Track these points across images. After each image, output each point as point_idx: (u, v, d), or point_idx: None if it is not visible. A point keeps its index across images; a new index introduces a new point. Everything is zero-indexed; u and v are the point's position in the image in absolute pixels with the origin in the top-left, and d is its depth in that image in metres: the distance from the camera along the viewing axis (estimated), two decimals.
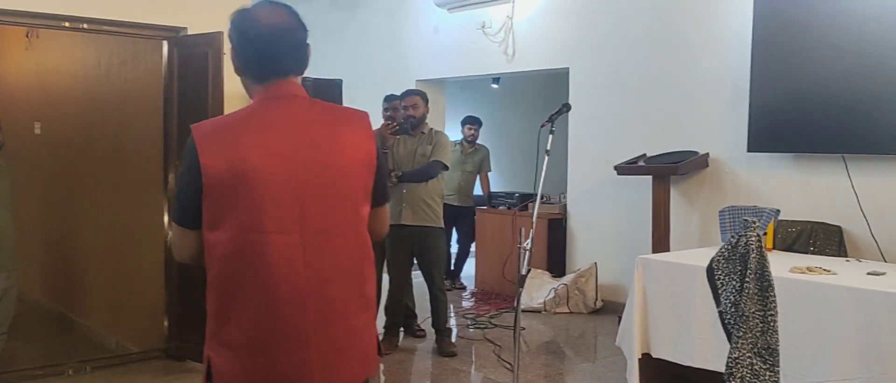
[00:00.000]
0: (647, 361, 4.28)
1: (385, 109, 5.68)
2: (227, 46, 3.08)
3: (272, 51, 1.86)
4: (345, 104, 5.15)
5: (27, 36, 6.05)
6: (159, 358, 4.98)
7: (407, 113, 5.28)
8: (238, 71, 1.93)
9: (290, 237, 1.78)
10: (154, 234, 5.07)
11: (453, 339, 5.50)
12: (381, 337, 5.26)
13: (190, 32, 4.87)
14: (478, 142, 7.69)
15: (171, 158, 4.98)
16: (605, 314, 6.45)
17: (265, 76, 1.87)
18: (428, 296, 5.37)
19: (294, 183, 1.79)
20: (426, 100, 5.36)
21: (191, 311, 4.87)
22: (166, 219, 5.01)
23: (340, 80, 5.21)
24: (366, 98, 5.82)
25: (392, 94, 5.76)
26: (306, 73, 5.90)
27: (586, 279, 6.57)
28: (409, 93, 5.41)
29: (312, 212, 1.81)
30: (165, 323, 5.03)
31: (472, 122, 7.64)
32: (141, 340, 5.15)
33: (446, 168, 5.27)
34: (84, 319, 5.89)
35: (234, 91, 4.91)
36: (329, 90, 5.06)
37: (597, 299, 6.55)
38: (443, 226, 5.34)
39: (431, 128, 5.34)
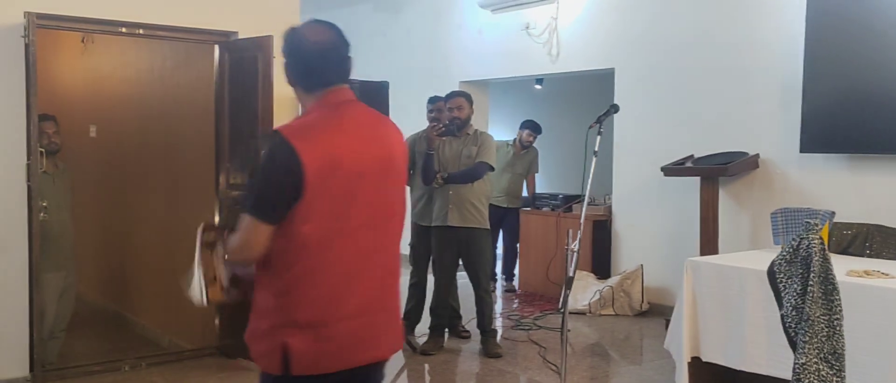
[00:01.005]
0: (696, 364, 4.23)
1: (429, 111, 5.69)
2: (278, 55, 3.14)
3: (320, 65, 2.09)
4: (391, 106, 5.24)
5: (82, 41, 6.22)
6: (212, 355, 5.08)
7: (452, 114, 5.27)
8: (290, 83, 2.15)
9: (367, 221, 2.05)
10: None
11: (498, 340, 5.50)
12: (426, 338, 5.32)
13: (240, 36, 4.95)
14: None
15: (222, 161, 5.07)
16: (650, 316, 6.39)
17: (315, 87, 2.10)
18: (473, 298, 5.38)
19: (369, 175, 2.04)
20: (471, 102, 5.37)
21: (241, 310, 4.94)
22: (217, 219, 5.10)
23: (387, 83, 5.26)
24: (409, 100, 5.89)
25: (436, 96, 5.77)
26: (352, 75, 5.95)
27: (632, 281, 6.52)
28: (453, 95, 5.41)
29: (382, 199, 2.09)
30: (217, 321, 5.12)
31: (532, 128, 7.49)
32: (193, 338, 5.25)
33: (492, 169, 5.26)
34: (138, 318, 6.03)
35: (283, 94, 4.98)
36: (376, 92, 5.12)
37: (643, 301, 6.49)
38: (488, 227, 5.33)
39: (476, 130, 5.34)
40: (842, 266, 4.01)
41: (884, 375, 3.48)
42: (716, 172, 5.80)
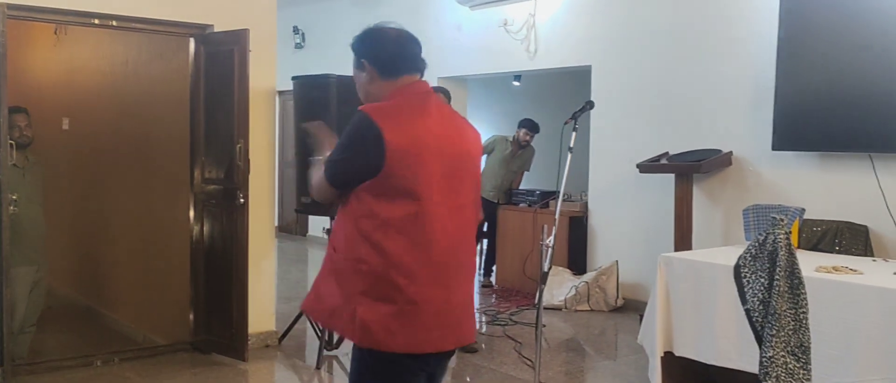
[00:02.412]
0: (669, 359, 4.27)
1: None
2: (255, 48, 3.07)
3: (400, 53, 2.29)
4: None
5: (55, 32, 6.14)
6: (186, 350, 5.05)
7: None
8: (372, 78, 2.28)
9: (443, 207, 2.17)
10: (181, 229, 5.14)
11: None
12: None
13: (216, 30, 4.92)
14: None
15: (197, 155, 5.03)
16: (625, 312, 6.44)
17: (396, 73, 2.26)
18: None
19: (448, 161, 2.19)
20: (448, 98, 5.37)
21: (217, 305, 4.94)
22: (192, 214, 5.07)
23: None
24: None
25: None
26: (329, 70, 5.90)
27: (607, 277, 6.57)
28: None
29: (456, 187, 2.22)
30: (191, 316, 5.09)
31: (529, 128, 7.46)
32: (167, 333, 5.22)
33: None
34: (112, 312, 5.98)
35: (259, 88, 4.98)
36: (353, 87, 5.07)
37: (618, 297, 6.54)
38: None
39: None
40: (811, 262, 4.08)
41: (851, 369, 3.54)
42: (690, 169, 5.86)
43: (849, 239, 4.88)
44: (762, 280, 2.19)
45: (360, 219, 2.13)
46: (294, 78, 5.13)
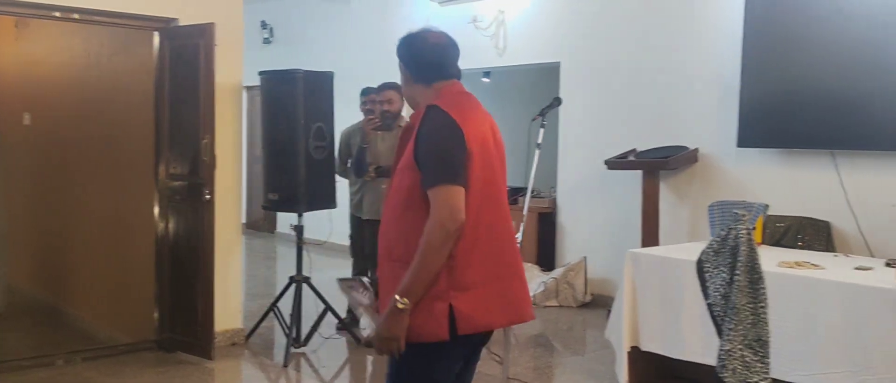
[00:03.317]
0: (635, 354, 4.31)
1: (363, 103, 5.48)
2: (221, 43, 3.04)
3: (441, 60, 2.39)
4: (336, 96, 5.19)
5: (16, 26, 6.02)
6: (150, 349, 4.98)
7: (382, 107, 5.06)
8: (410, 81, 2.42)
9: (498, 193, 2.33)
10: (145, 225, 5.06)
11: None
12: (370, 330, 5.28)
13: (181, 23, 4.85)
14: None
15: (162, 150, 4.97)
16: (594, 308, 6.48)
17: (437, 79, 2.37)
18: None
19: (495, 155, 2.33)
20: (400, 92, 5.18)
21: (182, 303, 4.88)
22: (157, 210, 5.00)
23: (331, 73, 5.21)
24: (357, 91, 5.83)
25: (369, 87, 5.57)
26: (298, 66, 5.86)
27: (576, 273, 6.60)
28: (384, 86, 5.14)
29: (501, 178, 2.37)
30: (156, 314, 5.02)
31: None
32: (132, 331, 5.14)
33: None
34: (75, 310, 5.88)
35: (226, 83, 4.92)
36: (320, 82, 5.06)
37: (586, 293, 6.58)
38: None
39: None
40: (774, 257, 4.14)
41: (812, 362, 3.60)
42: (657, 166, 5.91)
43: (811, 234, 4.96)
44: (723, 275, 2.21)
45: None
46: (261, 73, 5.08)
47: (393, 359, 2.32)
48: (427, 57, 2.38)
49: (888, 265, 3.90)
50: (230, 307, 5.14)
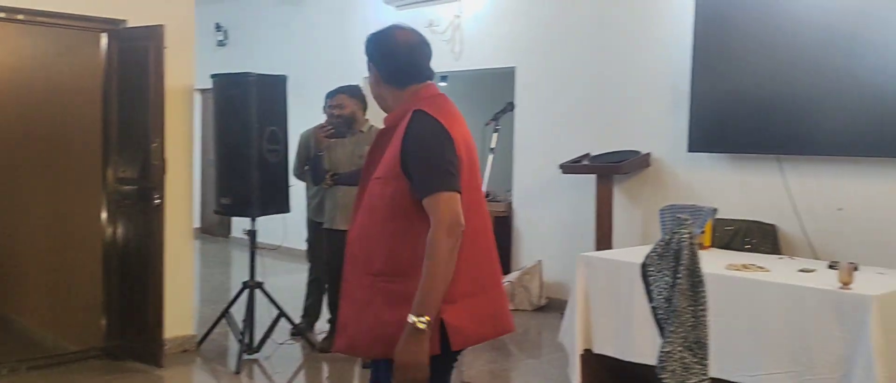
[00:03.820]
0: (588, 357, 4.35)
1: (328, 107, 5.44)
2: (170, 45, 2.99)
3: (414, 62, 2.27)
4: (290, 101, 5.15)
5: None
6: (98, 357, 4.88)
7: (332, 112, 4.96)
8: (380, 82, 2.31)
9: (480, 200, 2.28)
10: (92, 230, 4.96)
11: None
12: (325, 336, 5.24)
13: (130, 25, 4.77)
14: None
15: (110, 154, 4.88)
16: (549, 311, 6.52)
17: (410, 82, 2.27)
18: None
19: (474, 160, 2.28)
20: (357, 97, 4.99)
21: (131, 309, 4.80)
22: (105, 215, 4.90)
23: (285, 77, 5.17)
24: (313, 95, 5.80)
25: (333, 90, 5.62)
26: (253, 69, 5.80)
27: (531, 276, 6.64)
28: (335, 91, 5.03)
29: (479, 186, 2.33)
30: (104, 321, 4.92)
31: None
32: (79, 339, 5.03)
33: None
34: (19, 317, 5.73)
35: (175, 86, 4.85)
36: (274, 86, 5.02)
37: (541, 296, 6.63)
38: None
39: (372, 126, 4.94)
40: (722, 260, 4.22)
41: (758, 363, 3.68)
42: (610, 170, 5.98)
43: (758, 237, 5.07)
44: (666, 278, 2.25)
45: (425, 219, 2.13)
46: (213, 76, 5.02)
47: (378, 378, 2.22)
48: (400, 59, 2.27)
49: (831, 267, 4.00)
50: (181, 313, 5.06)
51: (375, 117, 6.20)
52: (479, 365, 5.10)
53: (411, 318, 2.02)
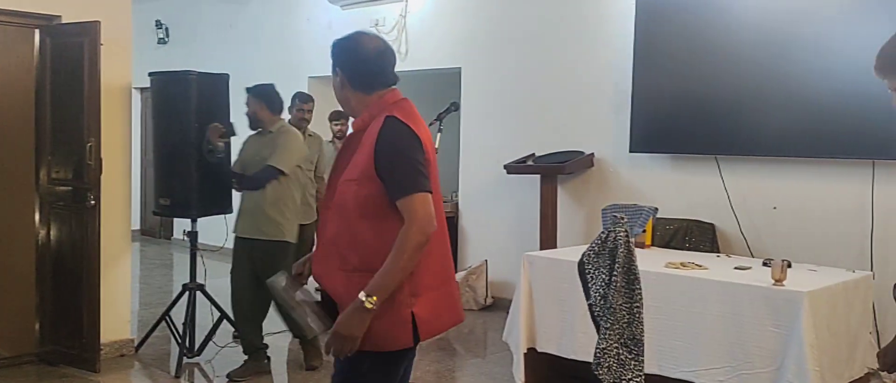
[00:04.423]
0: (532, 355, 4.39)
1: (296, 109, 5.63)
2: (107, 42, 2.91)
3: (380, 68, 2.35)
4: (233, 100, 5.07)
5: None
6: (31, 362, 4.73)
7: (299, 114, 5.22)
8: (347, 87, 2.37)
9: (440, 203, 2.35)
10: (25, 232, 4.81)
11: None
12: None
13: (64, 21, 4.64)
14: None
15: (43, 153, 4.73)
16: (495, 310, 6.56)
17: (376, 87, 2.34)
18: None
19: (434, 162, 2.36)
20: (260, 97, 4.67)
21: (66, 313, 4.66)
22: (38, 216, 4.75)
23: (227, 75, 5.08)
24: None
25: (305, 94, 5.78)
26: (190, 66, 5.67)
27: (477, 276, 6.67)
28: (248, 90, 4.77)
29: (437, 185, 2.36)
30: (37, 326, 4.77)
31: (338, 118, 6.61)
32: (11, 345, 4.86)
33: (281, 173, 4.52)
34: None
35: (111, 84, 4.73)
36: (215, 85, 4.93)
37: (487, 296, 6.66)
38: (289, 239, 4.62)
39: (281, 127, 4.69)
40: (662, 258, 4.30)
41: (696, 359, 3.76)
42: (554, 170, 6.04)
43: (697, 236, 5.18)
44: (603, 276, 2.28)
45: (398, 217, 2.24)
46: (151, 74, 4.92)
47: (344, 369, 2.31)
48: (369, 65, 2.35)
49: (765, 264, 4.10)
50: (119, 317, 4.94)
51: (320, 126, 6.17)
52: (425, 365, 5.09)
53: (362, 296, 2.15)
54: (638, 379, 2.35)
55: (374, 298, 2.14)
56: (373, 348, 2.23)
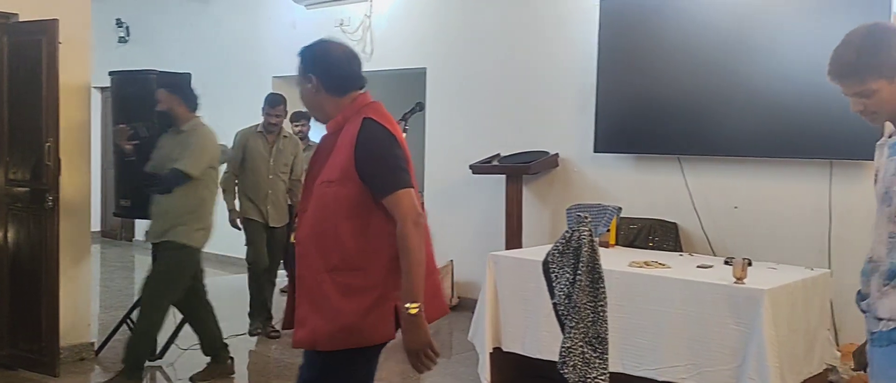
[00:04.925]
0: (497, 355, 4.40)
1: (266, 114, 5.65)
2: (65, 40, 2.85)
3: (350, 71, 2.45)
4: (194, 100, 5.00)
5: None
6: None
7: (269, 120, 5.35)
8: (321, 92, 2.42)
9: (419, 198, 2.42)
10: None
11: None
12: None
13: (22, 19, 4.54)
14: (313, 139, 6.53)
15: (0, 154, 4.62)
16: (460, 311, 6.55)
17: (348, 90, 2.42)
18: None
19: (410, 159, 2.42)
20: (175, 91, 4.46)
21: (24, 317, 4.56)
22: None
23: (188, 74, 5.02)
24: (220, 93, 5.67)
25: (273, 96, 5.77)
26: (151, 65, 5.59)
27: (443, 276, 6.67)
28: (159, 88, 4.57)
29: (415, 180, 2.43)
30: None
31: (298, 118, 6.61)
32: None
33: (187, 177, 4.25)
34: None
35: (70, 82, 4.65)
36: (176, 85, 4.86)
37: (453, 296, 6.66)
38: (193, 244, 4.37)
39: (194, 125, 4.43)
40: (625, 257, 4.35)
41: (659, 357, 3.80)
42: (519, 171, 6.07)
43: (660, 235, 5.24)
44: (567, 275, 2.29)
45: (387, 221, 2.29)
46: (111, 73, 4.84)
47: (319, 365, 2.36)
48: (342, 69, 2.43)
49: (726, 263, 4.17)
50: (79, 320, 4.85)
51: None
52: (390, 365, 5.07)
53: (408, 306, 2.22)
54: (603, 377, 2.37)
55: (417, 303, 2.22)
56: (359, 343, 2.30)
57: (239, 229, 5.67)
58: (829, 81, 2.08)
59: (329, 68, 2.43)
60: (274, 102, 5.71)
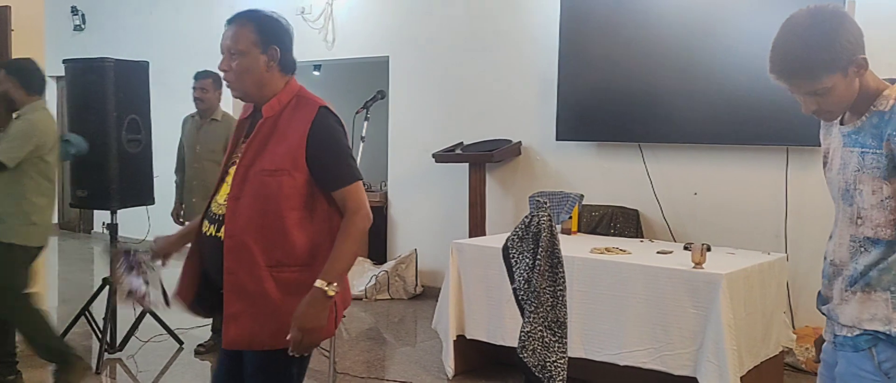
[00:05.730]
0: (461, 342, 4.42)
1: (193, 88, 4.96)
2: (18, 27, 2.77)
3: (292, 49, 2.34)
4: (154, 87, 4.94)
5: None
6: None
7: (198, 95, 4.81)
8: (272, 68, 2.26)
9: None
10: None
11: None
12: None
13: None
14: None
15: None
16: (424, 299, 6.58)
17: (293, 70, 2.33)
18: None
19: None
20: (13, 74, 4.04)
21: None
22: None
23: (147, 63, 4.94)
24: (178, 81, 5.58)
25: (201, 71, 4.99)
26: (109, 54, 5.48)
27: (406, 265, 6.67)
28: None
29: None
30: None
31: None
32: None
33: (3, 167, 3.82)
34: None
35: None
36: (134, 73, 4.79)
37: (417, 284, 6.67)
38: (14, 241, 3.99)
39: (25, 111, 4.01)
40: (587, 244, 4.39)
41: (620, 342, 3.85)
42: (483, 159, 6.09)
43: (622, 222, 5.30)
44: (527, 260, 2.31)
45: (335, 216, 2.24)
46: (65, 61, 4.73)
47: (269, 370, 2.25)
48: (290, 46, 2.31)
49: (686, 248, 4.23)
50: None
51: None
52: (355, 355, 5.08)
53: (322, 284, 2.11)
54: (562, 361, 2.39)
55: (335, 284, 2.12)
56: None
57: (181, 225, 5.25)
58: (773, 80, 1.85)
59: (289, 44, 2.29)
60: (198, 75, 4.98)
